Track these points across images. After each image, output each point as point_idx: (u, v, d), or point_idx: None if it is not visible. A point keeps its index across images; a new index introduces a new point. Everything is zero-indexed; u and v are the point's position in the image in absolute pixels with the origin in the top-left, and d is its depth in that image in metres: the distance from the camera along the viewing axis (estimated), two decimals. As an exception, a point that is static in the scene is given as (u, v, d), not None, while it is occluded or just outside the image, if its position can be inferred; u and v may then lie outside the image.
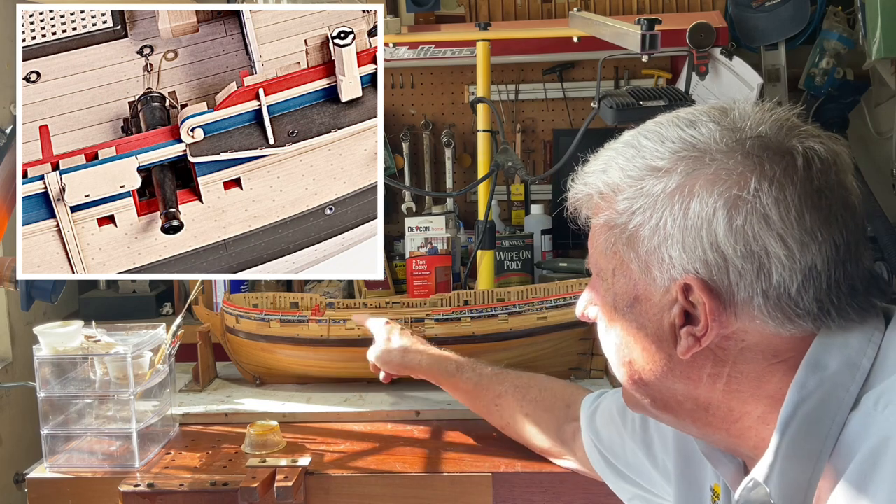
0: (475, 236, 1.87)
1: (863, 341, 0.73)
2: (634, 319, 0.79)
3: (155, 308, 2.15)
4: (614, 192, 0.79)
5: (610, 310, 0.82)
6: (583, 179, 0.83)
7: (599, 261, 0.83)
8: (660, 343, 0.78)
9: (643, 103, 1.59)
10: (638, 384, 0.82)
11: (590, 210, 0.83)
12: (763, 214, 0.70)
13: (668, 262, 0.75)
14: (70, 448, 1.36)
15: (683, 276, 0.74)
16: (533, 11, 2.43)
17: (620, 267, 0.80)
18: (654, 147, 0.77)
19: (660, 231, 0.75)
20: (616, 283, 0.80)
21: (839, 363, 0.71)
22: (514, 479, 1.26)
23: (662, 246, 0.75)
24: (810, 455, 0.69)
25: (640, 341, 0.80)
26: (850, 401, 0.70)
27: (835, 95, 2.34)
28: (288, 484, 1.23)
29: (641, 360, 0.80)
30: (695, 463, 0.93)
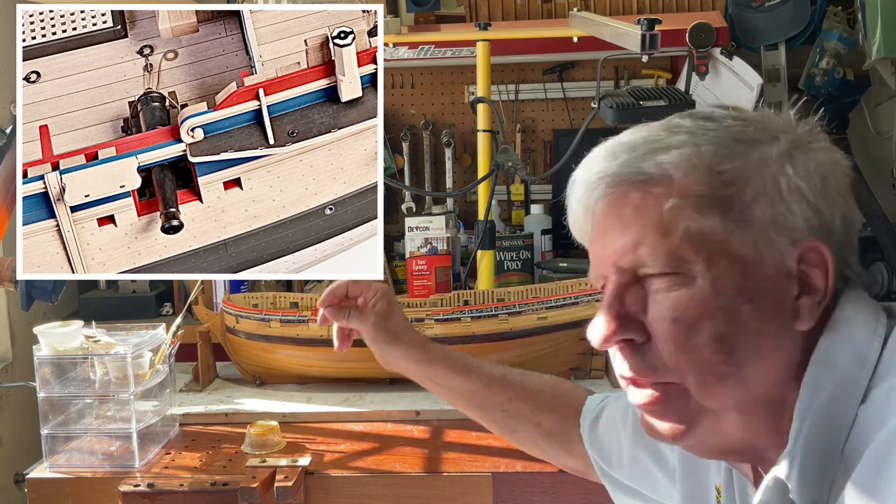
0: (475, 236, 1.87)
1: (868, 335, 0.73)
2: (746, 301, 0.72)
3: (155, 308, 2.14)
4: (707, 167, 0.73)
5: (701, 303, 0.72)
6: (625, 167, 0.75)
7: (679, 250, 0.72)
8: (780, 321, 0.73)
9: (643, 103, 1.59)
10: (734, 384, 0.73)
11: (646, 193, 0.74)
12: (851, 179, 0.75)
13: (791, 227, 0.73)
14: (70, 448, 1.36)
15: (806, 238, 0.73)
16: (533, 11, 2.43)
17: (721, 247, 0.72)
18: (724, 124, 0.77)
19: (781, 195, 0.73)
20: (715, 267, 0.72)
21: (848, 357, 0.72)
22: (514, 479, 1.25)
23: (785, 210, 0.73)
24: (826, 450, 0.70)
25: (755, 325, 0.72)
26: (860, 394, 0.70)
27: (835, 95, 2.34)
28: (288, 484, 1.23)
29: (753, 349, 0.72)
30: (700, 464, 0.92)
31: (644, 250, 0.74)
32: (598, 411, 1.13)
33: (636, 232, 0.74)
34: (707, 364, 0.72)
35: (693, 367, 0.73)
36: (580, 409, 1.17)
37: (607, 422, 1.11)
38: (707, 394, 0.73)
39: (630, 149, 0.77)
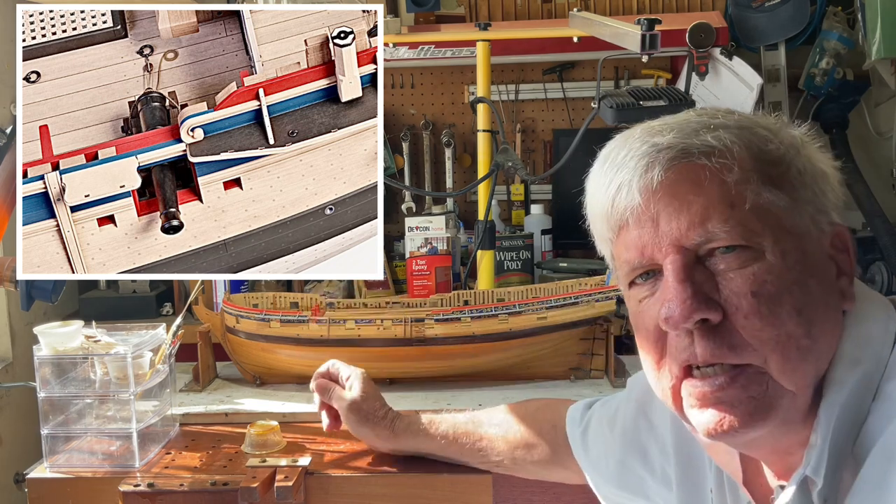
0: (475, 236, 1.87)
1: (882, 333, 0.73)
2: (812, 276, 0.71)
3: (155, 308, 2.14)
4: (760, 143, 0.73)
5: (777, 277, 0.70)
6: (702, 135, 0.73)
7: (749, 222, 0.70)
8: (835, 296, 0.73)
9: (643, 103, 1.59)
10: (813, 360, 0.71)
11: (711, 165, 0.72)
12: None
13: (825, 209, 0.74)
14: (70, 448, 1.36)
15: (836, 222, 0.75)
16: (533, 11, 2.43)
17: (783, 222, 0.71)
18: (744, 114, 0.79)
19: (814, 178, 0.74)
20: (782, 241, 0.71)
21: (870, 358, 0.72)
22: (514, 480, 1.25)
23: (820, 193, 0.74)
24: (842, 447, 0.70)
25: (822, 301, 0.71)
26: (874, 390, 0.70)
27: (835, 95, 2.34)
28: (288, 484, 1.23)
29: (823, 326, 0.71)
30: (694, 466, 0.92)
31: (713, 224, 0.71)
32: (585, 423, 1.12)
33: (702, 205, 0.71)
34: (791, 337, 0.69)
35: (778, 342, 0.69)
36: (557, 421, 1.17)
37: (596, 431, 1.10)
38: (790, 370, 0.70)
39: (677, 128, 0.74)
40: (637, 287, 0.76)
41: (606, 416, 1.08)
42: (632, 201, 0.74)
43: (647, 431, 0.99)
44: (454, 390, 1.59)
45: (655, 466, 0.99)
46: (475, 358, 1.59)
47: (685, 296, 0.70)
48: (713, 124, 0.74)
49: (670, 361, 0.74)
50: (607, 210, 0.76)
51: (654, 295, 0.74)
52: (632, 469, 1.02)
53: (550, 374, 1.62)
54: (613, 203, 0.75)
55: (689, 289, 0.70)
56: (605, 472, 1.07)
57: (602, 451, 1.07)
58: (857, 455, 0.68)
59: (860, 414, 0.70)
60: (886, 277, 2.09)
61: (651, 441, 0.99)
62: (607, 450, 1.06)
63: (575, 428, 1.13)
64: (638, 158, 0.74)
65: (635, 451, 1.01)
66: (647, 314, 0.75)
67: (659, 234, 0.73)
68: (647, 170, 0.73)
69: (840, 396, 0.70)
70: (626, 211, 0.74)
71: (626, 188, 0.74)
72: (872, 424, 0.69)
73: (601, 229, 0.79)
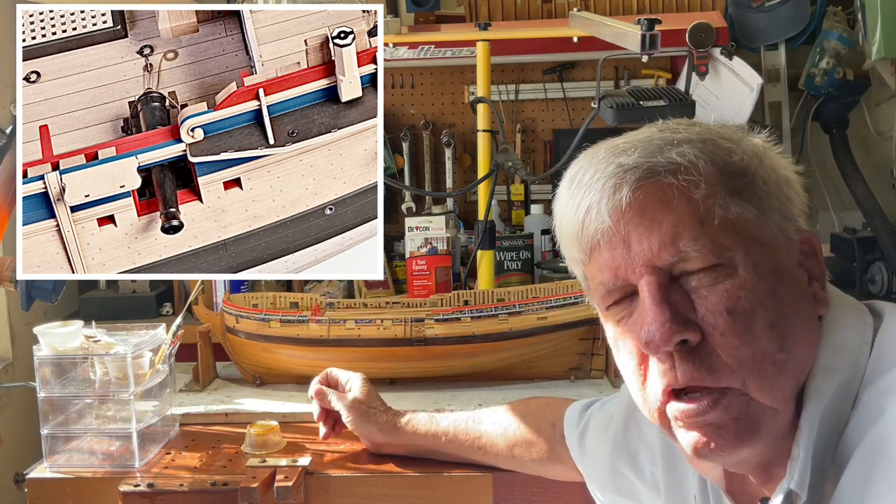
0: (475, 236, 1.87)
1: (859, 339, 0.73)
2: (786, 288, 0.71)
3: (155, 308, 2.14)
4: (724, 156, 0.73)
5: (751, 292, 0.70)
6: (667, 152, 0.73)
7: (720, 237, 0.70)
8: (808, 302, 0.73)
9: (643, 103, 1.59)
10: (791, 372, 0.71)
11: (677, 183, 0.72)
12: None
13: (792, 216, 0.74)
14: (70, 448, 1.36)
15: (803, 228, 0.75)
16: (533, 11, 2.42)
17: (752, 233, 0.71)
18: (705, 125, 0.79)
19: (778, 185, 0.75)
20: (752, 254, 0.71)
21: (847, 365, 0.72)
22: (514, 480, 1.25)
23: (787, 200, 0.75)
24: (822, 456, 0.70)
25: (797, 312, 0.71)
26: (852, 398, 0.70)
27: (835, 95, 2.34)
28: (288, 484, 1.23)
29: (799, 337, 0.71)
30: (679, 472, 0.92)
31: (684, 242, 0.70)
32: (585, 423, 1.12)
33: (672, 224, 0.71)
34: (767, 354, 0.69)
35: (755, 361, 0.69)
36: (555, 420, 1.18)
37: (593, 435, 1.10)
38: (768, 388, 0.70)
39: (641, 147, 0.74)
40: (615, 308, 0.76)
41: (602, 420, 1.08)
42: (602, 223, 0.73)
43: (637, 437, 1.00)
44: (454, 390, 1.59)
45: (645, 472, 0.99)
46: (475, 358, 1.59)
47: (664, 318, 0.70)
48: (676, 140, 0.74)
49: (653, 384, 0.74)
50: (577, 232, 0.76)
51: (632, 315, 0.74)
52: (623, 474, 1.02)
53: (550, 374, 1.62)
54: (583, 225, 0.75)
55: (667, 311, 0.70)
56: (600, 477, 1.07)
57: (597, 456, 1.07)
58: (838, 463, 0.68)
59: (840, 423, 0.70)
60: (886, 277, 2.09)
61: (641, 446, 0.99)
62: (602, 454, 1.06)
63: (572, 430, 1.13)
64: (605, 179, 0.73)
65: (626, 457, 1.01)
66: (627, 335, 0.75)
67: (631, 255, 0.72)
68: (615, 191, 0.73)
69: (819, 406, 0.70)
70: (596, 233, 0.74)
71: (595, 210, 0.74)
72: (851, 432, 0.68)
73: (572, 251, 0.78)
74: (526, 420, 1.22)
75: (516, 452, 1.21)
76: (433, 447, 1.28)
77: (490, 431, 1.24)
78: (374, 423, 1.29)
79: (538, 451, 1.19)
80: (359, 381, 1.33)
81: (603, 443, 1.06)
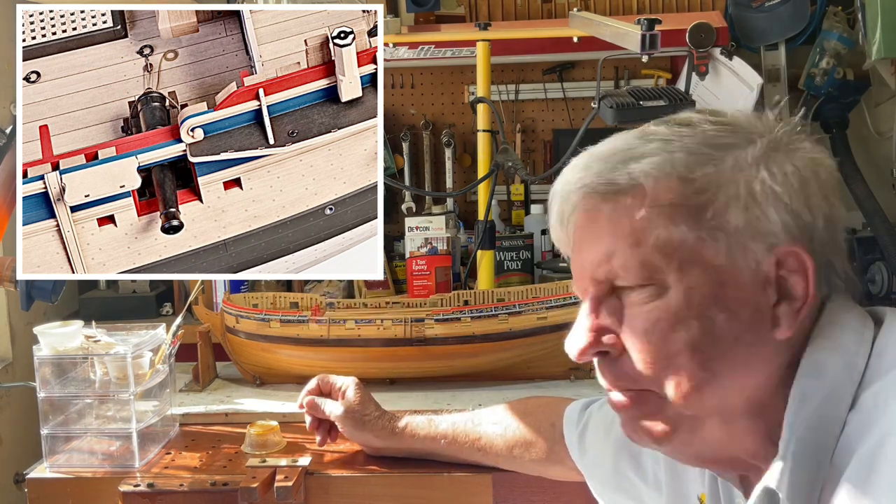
0: (475, 236, 1.87)
1: (856, 341, 0.72)
2: (721, 311, 0.71)
3: (155, 308, 2.14)
4: (679, 175, 0.73)
5: (674, 314, 0.72)
6: (599, 178, 0.74)
7: (651, 260, 0.72)
8: (756, 330, 0.72)
9: (643, 103, 1.59)
10: (709, 393, 0.72)
11: (617, 204, 0.74)
12: (837, 180, 0.75)
13: (767, 232, 0.72)
14: (70, 448, 1.36)
15: (785, 243, 0.72)
16: (533, 11, 2.42)
17: (694, 255, 0.72)
18: (699, 129, 0.76)
19: (756, 200, 0.72)
20: (687, 277, 0.71)
21: (839, 366, 0.71)
22: (514, 480, 1.25)
23: (761, 216, 0.71)
24: (815, 457, 0.69)
25: (730, 334, 0.71)
26: (849, 401, 0.70)
27: (835, 95, 2.34)
28: (288, 484, 1.23)
29: (727, 359, 0.71)
30: (680, 473, 0.92)
31: (617, 262, 0.73)
32: (584, 423, 1.12)
33: (609, 243, 0.74)
34: (682, 371, 0.72)
35: (668, 376, 0.73)
36: (555, 420, 1.18)
37: (593, 434, 1.10)
38: (684, 401, 0.73)
39: (604, 159, 0.76)
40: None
41: (603, 420, 1.08)
42: (561, 234, 0.80)
43: None
44: (454, 390, 1.59)
45: (648, 472, 0.99)
46: (475, 358, 1.59)
47: (584, 330, 0.77)
48: (642, 152, 0.74)
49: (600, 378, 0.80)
50: (556, 236, 0.82)
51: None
52: (625, 475, 1.02)
53: (550, 374, 1.62)
54: (554, 231, 0.81)
55: (590, 323, 0.76)
56: (602, 477, 1.07)
57: (598, 456, 1.07)
58: (837, 465, 0.68)
59: (834, 423, 0.69)
60: (886, 277, 2.09)
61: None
62: (603, 455, 1.06)
63: (572, 430, 1.13)
64: (566, 193, 0.77)
65: (629, 458, 1.01)
66: None
67: (581, 264, 0.78)
68: (563, 205, 0.78)
69: (805, 406, 0.70)
70: (559, 241, 0.80)
71: (556, 220, 0.79)
72: (850, 435, 0.68)
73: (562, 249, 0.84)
74: (525, 420, 1.22)
75: (516, 453, 1.21)
76: (432, 449, 1.27)
77: (489, 432, 1.24)
78: (370, 431, 1.29)
79: (538, 452, 1.19)
80: (353, 388, 1.31)
81: (605, 443, 1.06)
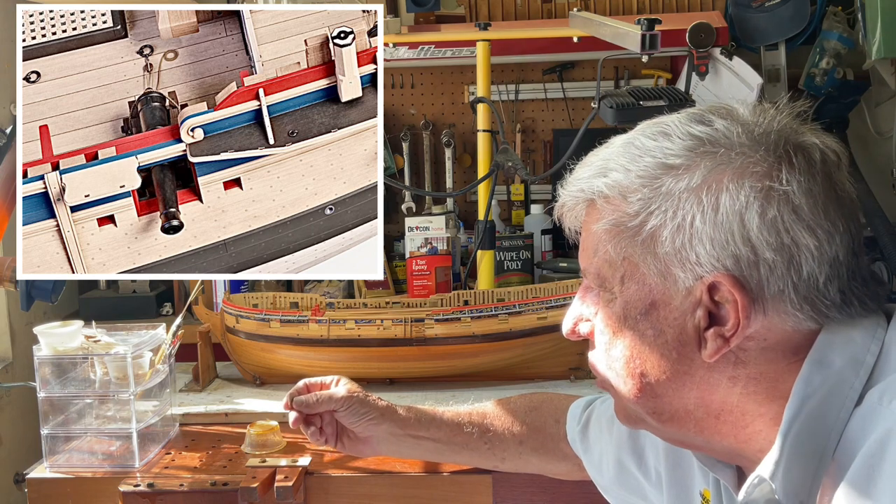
0: (475, 236, 1.87)
1: (866, 338, 0.72)
2: (651, 327, 0.76)
3: (155, 308, 2.14)
4: (622, 194, 0.76)
5: (617, 321, 0.78)
6: (576, 185, 0.81)
7: (602, 270, 0.78)
8: (681, 349, 0.75)
9: (643, 103, 1.59)
10: (647, 397, 0.78)
11: (580, 217, 0.82)
12: (795, 206, 0.71)
13: (694, 261, 0.72)
14: (70, 448, 1.36)
15: (712, 273, 0.72)
16: (533, 11, 2.42)
17: (631, 273, 0.76)
18: (663, 145, 0.75)
19: (684, 229, 0.72)
20: (626, 291, 0.77)
21: (844, 360, 0.71)
22: (514, 480, 1.25)
23: (687, 244, 0.72)
24: (815, 451, 0.69)
25: (657, 349, 0.76)
26: (855, 397, 0.70)
27: (835, 95, 2.34)
28: (288, 484, 1.23)
29: (656, 370, 0.76)
30: (683, 469, 0.92)
31: (584, 264, 0.82)
32: (586, 419, 1.13)
33: (582, 247, 0.82)
34: (619, 375, 0.79)
35: (612, 376, 0.80)
36: (559, 416, 1.17)
37: (595, 429, 1.10)
38: (626, 400, 0.80)
39: (588, 167, 0.82)
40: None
41: (605, 416, 1.08)
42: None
43: (643, 434, 1.00)
44: (454, 390, 1.59)
45: (650, 468, 0.99)
46: (475, 358, 1.59)
47: (569, 313, 0.86)
48: (613, 167, 0.78)
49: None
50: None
51: None
52: (629, 471, 1.02)
53: (550, 374, 1.63)
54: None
55: (575, 308, 0.85)
56: (606, 472, 1.07)
57: (602, 452, 1.08)
58: (839, 461, 0.68)
59: (836, 418, 0.69)
60: (886, 277, 2.09)
61: (647, 442, 1.00)
62: (607, 450, 1.06)
63: (574, 426, 1.13)
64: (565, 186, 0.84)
65: (631, 453, 1.01)
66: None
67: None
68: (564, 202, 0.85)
69: (806, 399, 0.70)
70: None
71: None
72: (854, 430, 0.68)
73: None
74: (530, 416, 1.20)
75: (521, 449, 1.19)
76: (438, 439, 1.20)
77: (496, 427, 1.20)
78: (374, 408, 1.19)
79: (542, 448, 1.18)
80: (345, 379, 1.23)
81: (608, 439, 1.06)
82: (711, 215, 0.72)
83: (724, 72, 2.10)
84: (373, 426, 1.20)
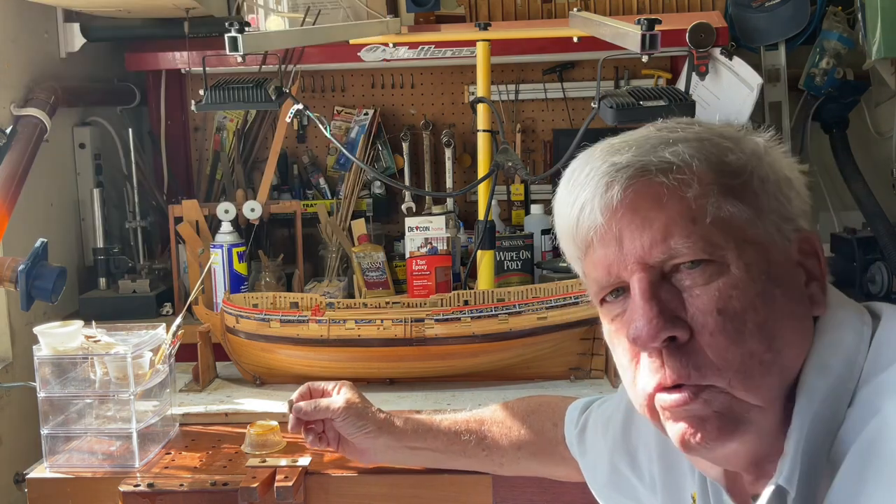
0: (475, 236, 1.87)
1: (856, 339, 0.73)
2: (778, 285, 0.71)
3: (155, 308, 2.14)
4: (720, 155, 0.73)
5: (745, 286, 0.70)
6: (660, 152, 0.73)
7: (713, 235, 0.71)
8: (803, 304, 0.73)
9: (643, 103, 1.59)
10: (775, 375, 0.71)
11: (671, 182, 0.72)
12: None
13: (790, 216, 0.74)
14: (70, 448, 1.36)
15: (803, 227, 0.74)
16: (533, 11, 2.42)
17: (744, 234, 0.72)
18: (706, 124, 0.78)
19: (779, 185, 0.75)
20: (745, 253, 0.71)
21: (842, 364, 0.72)
22: (514, 480, 1.26)
23: (784, 200, 0.74)
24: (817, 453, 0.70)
25: (787, 308, 0.72)
26: (848, 397, 0.70)
27: (835, 95, 2.34)
28: (288, 484, 1.23)
29: (787, 334, 0.71)
30: (675, 471, 0.92)
31: (675, 240, 0.71)
32: (583, 422, 1.12)
33: (663, 222, 0.72)
34: (754, 355, 0.70)
35: (742, 362, 0.70)
36: (557, 420, 1.17)
37: (591, 433, 1.10)
38: (753, 388, 0.71)
39: (636, 146, 0.75)
40: (608, 304, 0.78)
41: (601, 419, 1.08)
42: (594, 221, 0.74)
43: (636, 437, 0.99)
44: (454, 390, 1.59)
45: (644, 471, 0.99)
46: (475, 358, 1.59)
47: (651, 315, 0.71)
48: (672, 139, 0.74)
49: (642, 380, 0.75)
50: (573, 229, 0.77)
51: (625, 313, 0.75)
52: (623, 474, 1.02)
53: (550, 374, 1.63)
54: (578, 223, 0.76)
55: (654, 307, 0.71)
56: (601, 476, 1.07)
57: (597, 455, 1.07)
58: (833, 461, 0.68)
59: (834, 421, 0.70)
60: (886, 277, 2.09)
61: (640, 445, 0.99)
62: (601, 453, 1.06)
63: (572, 429, 1.13)
64: (599, 177, 0.74)
65: (625, 456, 1.01)
66: (620, 332, 0.76)
67: (623, 252, 0.73)
68: (607, 189, 0.74)
69: (812, 405, 0.70)
70: (590, 230, 0.75)
71: (588, 207, 0.75)
72: (847, 431, 0.69)
73: (569, 248, 0.80)
74: (528, 420, 1.20)
75: (519, 454, 1.19)
76: (435, 448, 1.22)
77: (493, 432, 1.21)
78: (372, 423, 1.21)
79: (541, 452, 1.18)
80: (348, 386, 1.26)
81: (602, 442, 1.06)
82: (789, 171, 0.76)
83: (724, 72, 2.11)
84: (369, 439, 1.22)
